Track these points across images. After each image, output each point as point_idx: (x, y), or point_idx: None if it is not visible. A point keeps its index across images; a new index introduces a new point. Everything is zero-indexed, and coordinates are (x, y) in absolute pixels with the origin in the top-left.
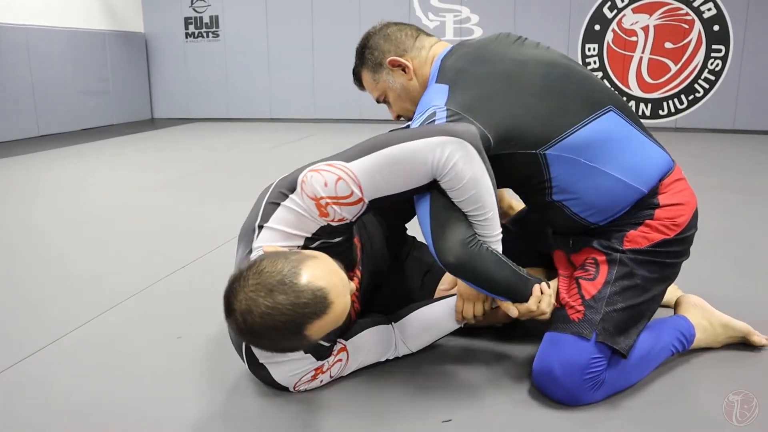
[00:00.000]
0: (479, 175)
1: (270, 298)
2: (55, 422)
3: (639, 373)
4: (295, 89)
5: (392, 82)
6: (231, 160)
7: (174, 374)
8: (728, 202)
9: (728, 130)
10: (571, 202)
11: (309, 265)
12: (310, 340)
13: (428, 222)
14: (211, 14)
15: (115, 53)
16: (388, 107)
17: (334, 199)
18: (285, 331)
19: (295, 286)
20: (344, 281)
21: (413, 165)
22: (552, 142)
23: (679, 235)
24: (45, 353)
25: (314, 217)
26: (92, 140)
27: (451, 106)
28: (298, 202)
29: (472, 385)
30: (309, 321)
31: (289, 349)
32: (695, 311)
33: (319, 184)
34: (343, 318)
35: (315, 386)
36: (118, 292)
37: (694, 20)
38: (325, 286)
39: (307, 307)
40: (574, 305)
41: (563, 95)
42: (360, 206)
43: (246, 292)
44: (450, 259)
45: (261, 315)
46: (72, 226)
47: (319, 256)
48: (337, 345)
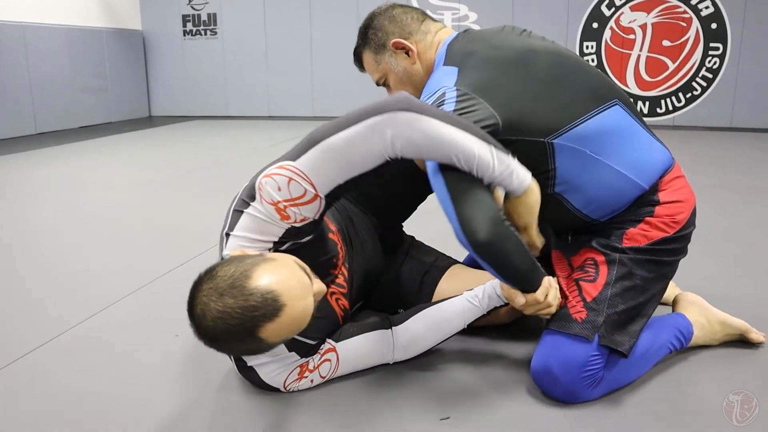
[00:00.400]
0: (434, 130)
1: (220, 302)
2: (54, 419)
3: (637, 371)
4: (294, 87)
5: (394, 64)
6: (229, 158)
7: (171, 372)
8: (726, 200)
9: (726, 128)
10: (572, 195)
11: (262, 268)
12: (269, 342)
13: (448, 198)
14: (209, 12)
15: (112, 51)
16: (387, 90)
17: (291, 201)
18: (238, 334)
19: (244, 289)
20: (303, 284)
21: (358, 151)
22: (561, 131)
23: (678, 233)
24: (43, 351)
25: (276, 221)
26: (90, 138)
27: (460, 87)
28: (259, 209)
29: (470, 382)
30: (261, 324)
31: (250, 352)
32: (693, 309)
33: (273, 188)
34: (303, 321)
35: (306, 386)
36: (115, 290)
37: (691, 18)
38: (276, 289)
39: (257, 311)
40: (576, 306)
41: (572, 86)
42: (318, 202)
43: (200, 297)
44: (481, 238)
45: (213, 319)
46: (69, 224)
47: (278, 258)
48: (326, 345)
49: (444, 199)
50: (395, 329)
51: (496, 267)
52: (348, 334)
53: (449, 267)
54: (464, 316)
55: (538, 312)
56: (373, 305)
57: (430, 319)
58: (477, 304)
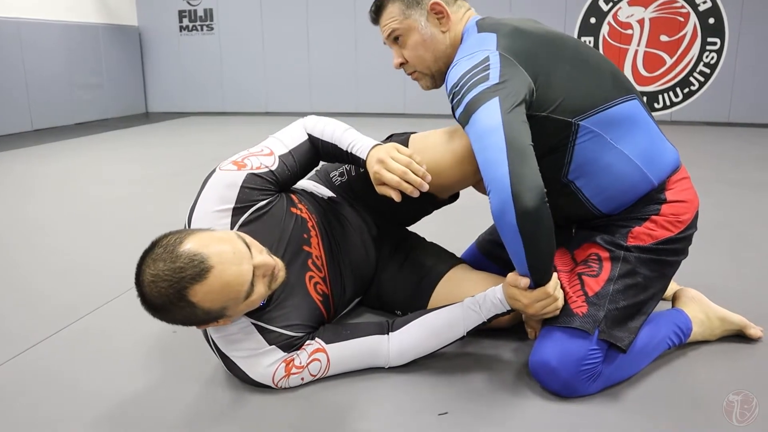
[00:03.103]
0: None
1: (153, 267)
2: (54, 417)
3: (635, 366)
4: (291, 83)
5: (423, 25)
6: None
7: (169, 370)
8: (724, 195)
9: (723, 123)
10: (584, 183)
11: (196, 236)
12: (203, 307)
13: (504, 157)
14: (205, 7)
15: (108, 47)
16: (396, 50)
17: (248, 154)
18: (170, 297)
19: (172, 254)
20: (237, 250)
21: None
22: (588, 113)
23: (681, 234)
24: (42, 348)
25: (234, 179)
26: (86, 134)
27: (502, 51)
28: (212, 182)
29: (468, 378)
30: (189, 286)
31: (188, 319)
32: (693, 305)
33: (229, 159)
34: (238, 287)
35: (297, 383)
36: (112, 287)
37: (689, 13)
38: (203, 252)
39: (183, 272)
40: (577, 300)
41: (598, 72)
42: (273, 158)
43: (141, 266)
44: (529, 205)
45: (148, 284)
46: (66, 221)
47: (218, 230)
48: (314, 344)
49: (496, 158)
50: (392, 336)
51: (527, 242)
52: (341, 336)
53: (449, 270)
54: (464, 324)
55: (544, 311)
56: (370, 303)
57: (429, 327)
58: (477, 311)
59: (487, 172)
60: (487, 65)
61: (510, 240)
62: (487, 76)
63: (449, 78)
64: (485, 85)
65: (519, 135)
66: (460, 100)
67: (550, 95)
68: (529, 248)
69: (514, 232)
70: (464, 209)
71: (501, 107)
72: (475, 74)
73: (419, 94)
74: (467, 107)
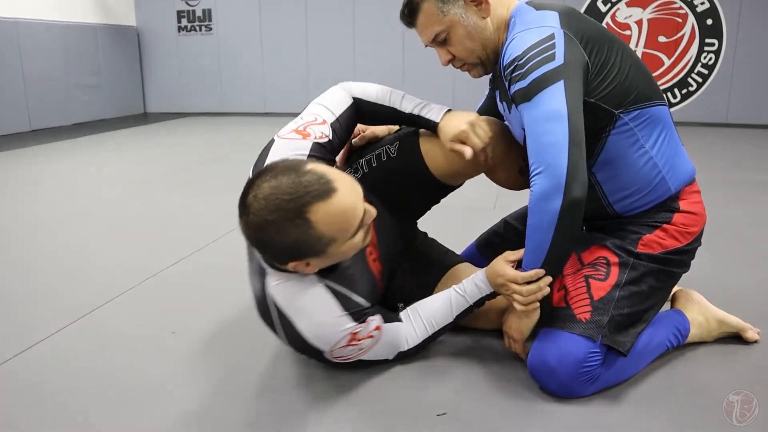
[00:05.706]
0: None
1: (274, 180)
2: (52, 415)
3: (634, 368)
4: (290, 83)
5: (464, 17)
6: (225, 154)
7: (168, 369)
8: (722, 195)
9: (721, 123)
10: (606, 176)
11: (319, 164)
12: (318, 230)
13: (566, 144)
14: (203, 7)
15: (107, 47)
16: (440, 49)
17: (305, 123)
18: (288, 212)
19: (299, 170)
20: (355, 186)
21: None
22: (631, 107)
23: (688, 245)
24: (41, 347)
25: (301, 146)
26: (84, 135)
27: (567, 31)
28: (283, 137)
29: (466, 379)
30: (312, 202)
31: (293, 244)
32: (692, 307)
33: (287, 126)
34: (352, 219)
35: (347, 356)
36: (112, 287)
37: (687, 14)
38: (330, 175)
39: (310, 186)
40: (580, 304)
41: (643, 70)
42: (327, 126)
43: (255, 182)
44: (578, 196)
45: (265, 197)
46: (65, 221)
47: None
48: (375, 320)
49: (558, 144)
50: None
51: (559, 231)
52: (390, 318)
53: (452, 266)
54: (452, 307)
55: (528, 299)
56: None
57: (420, 314)
58: (462, 293)
59: (543, 156)
60: (553, 43)
61: (541, 226)
62: (553, 55)
63: (511, 49)
64: (551, 66)
65: (581, 127)
66: (524, 74)
67: (602, 82)
68: (558, 238)
69: (551, 220)
70: (464, 209)
71: (566, 92)
72: (541, 51)
73: (419, 95)
74: (531, 85)
